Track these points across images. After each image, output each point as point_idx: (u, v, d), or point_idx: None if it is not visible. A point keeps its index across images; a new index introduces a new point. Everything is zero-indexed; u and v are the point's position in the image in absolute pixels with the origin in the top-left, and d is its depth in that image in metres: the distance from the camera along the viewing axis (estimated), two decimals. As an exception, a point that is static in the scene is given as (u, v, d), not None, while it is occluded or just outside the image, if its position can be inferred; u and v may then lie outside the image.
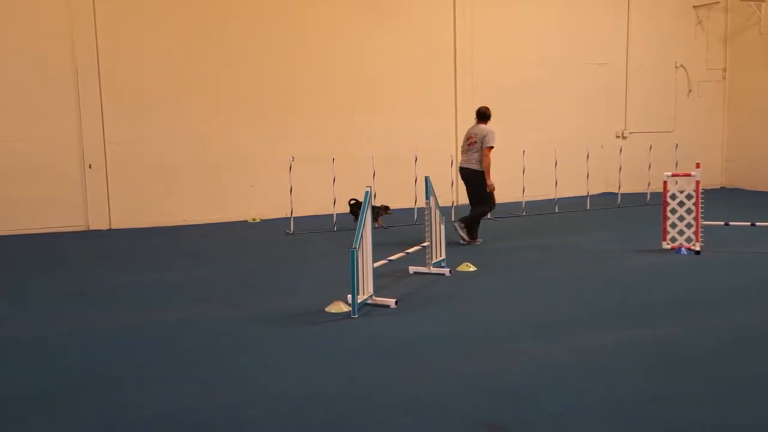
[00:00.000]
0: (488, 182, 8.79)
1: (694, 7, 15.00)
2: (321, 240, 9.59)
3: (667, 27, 14.82)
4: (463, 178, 9.10)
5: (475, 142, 8.89)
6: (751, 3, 14.56)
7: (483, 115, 9.11)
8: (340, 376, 4.27)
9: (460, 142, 9.49)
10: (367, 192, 5.82)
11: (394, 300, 5.92)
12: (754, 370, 4.24)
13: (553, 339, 4.94)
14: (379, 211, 10.42)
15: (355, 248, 5.56)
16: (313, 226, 10.62)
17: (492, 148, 8.79)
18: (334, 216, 10.40)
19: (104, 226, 10.95)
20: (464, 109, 13.13)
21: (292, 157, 10.27)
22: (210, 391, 4.07)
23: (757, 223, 8.41)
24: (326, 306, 5.79)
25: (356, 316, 5.57)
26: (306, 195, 11.38)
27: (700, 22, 15.16)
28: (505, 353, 4.66)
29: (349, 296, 5.65)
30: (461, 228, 8.86)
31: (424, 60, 12.82)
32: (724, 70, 15.53)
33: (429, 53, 12.85)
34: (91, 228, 10.88)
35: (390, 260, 6.71)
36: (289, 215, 10.42)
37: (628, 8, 14.43)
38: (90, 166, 10.81)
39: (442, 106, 13.06)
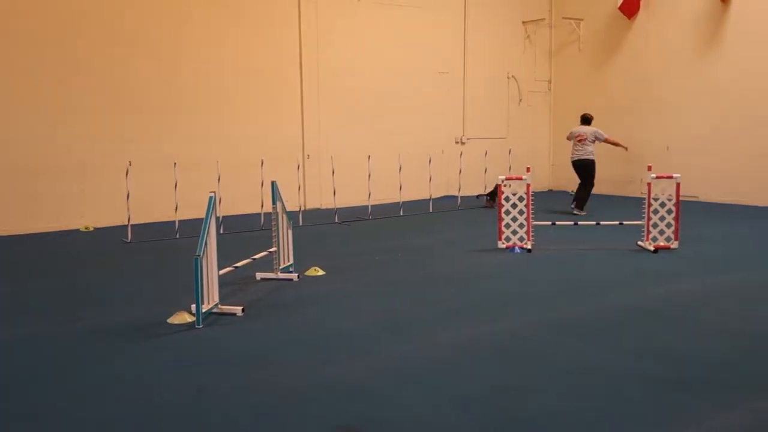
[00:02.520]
0: (622, 145, 12.39)
1: (523, 22, 16.11)
2: (162, 248, 9.18)
3: (499, 40, 15.78)
4: (578, 166, 12.12)
5: (585, 138, 11.97)
6: (572, 21, 15.90)
7: (588, 120, 12.36)
8: (186, 389, 4.11)
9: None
10: (211, 197, 5.66)
11: (241, 308, 5.80)
12: (580, 358, 4.62)
13: (403, 338, 5.08)
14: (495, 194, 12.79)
15: (199, 256, 5.39)
16: (154, 233, 10.13)
17: (605, 137, 12.07)
18: (177, 223, 9.99)
19: None
20: (310, 114, 13.18)
21: (129, 162, 9.74)
22: (46, 413, 3.77)
23: (579, 223, 9.18)
24: (169, 317, 5.56)
25: (201, 326, 5.39)
26: (145, 201, 10.84)
27: (528, 37, 16.29)
28: (356, 355, 4.72)
29: (193, 306, 5.46)
30: (577, 210, 11.71)
31: (270, 64, 12.69)
32: (550, 81, 16.81)
33: (275, 57, 12.74)
34: None
35: (236, 267, 6.57)
36: (126, 223, 9.87)
37: (465, 20, 15.20)
38: None
39: (289, 111, 13.00)
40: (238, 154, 12.00)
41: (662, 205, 8.43)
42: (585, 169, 12.07)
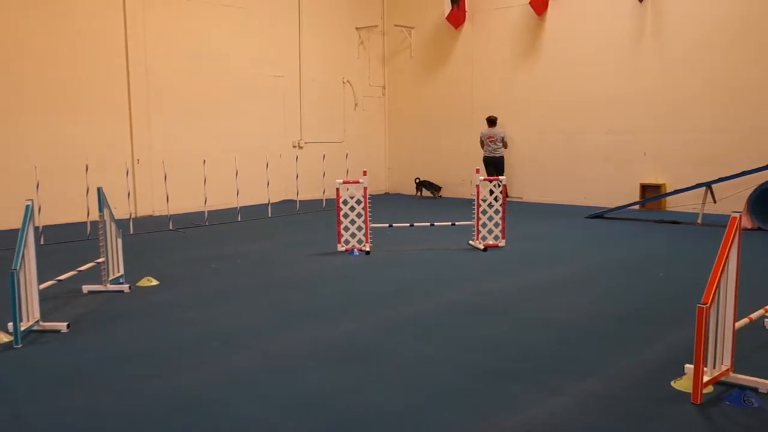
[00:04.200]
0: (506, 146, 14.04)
1: (357, 28, 16.43)
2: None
3: (334, 45, 15.97)
4: (490, 163, 13.79)
5: (496, 139, 13.82)
6: (403, 29, 16.47)
7: (494, 121, 14.05)
8: (1, 416, 3.75)
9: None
10: (28, 206, 5.21)
11: (66, 323, 5.40)
12: (415, 355, 4.79)
13: (239, 346, 4.99)
14: (434, 188, 15.71)
15: (15, 269, 4.95)
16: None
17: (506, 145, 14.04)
18: (-12, 234, 9.09)
19: None
20: (139, 117, 12.54)
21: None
22: None
23: (415, 224, 9.52)
24: (-19, 338, 5.05)
25: (20, 345, 4.96)
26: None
27: (362, 43, 16.64)
28: (189, 366, 4.56)
29: (11, 324, 5.01)
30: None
31: (93, 63, 11.88)
32: (384, 87, 17.29)
33: (98, 56, 11.94)
34: None
35: (59, 280, 6.11)
36: (-74, 236, 8.82)
37: (300, 24, 15.21)
38: None
39: (116, 114, 12.25)
40: (60, 158, 11.14)
41: (490, 205, 8.97)
42: (496, 165, 13.78)
